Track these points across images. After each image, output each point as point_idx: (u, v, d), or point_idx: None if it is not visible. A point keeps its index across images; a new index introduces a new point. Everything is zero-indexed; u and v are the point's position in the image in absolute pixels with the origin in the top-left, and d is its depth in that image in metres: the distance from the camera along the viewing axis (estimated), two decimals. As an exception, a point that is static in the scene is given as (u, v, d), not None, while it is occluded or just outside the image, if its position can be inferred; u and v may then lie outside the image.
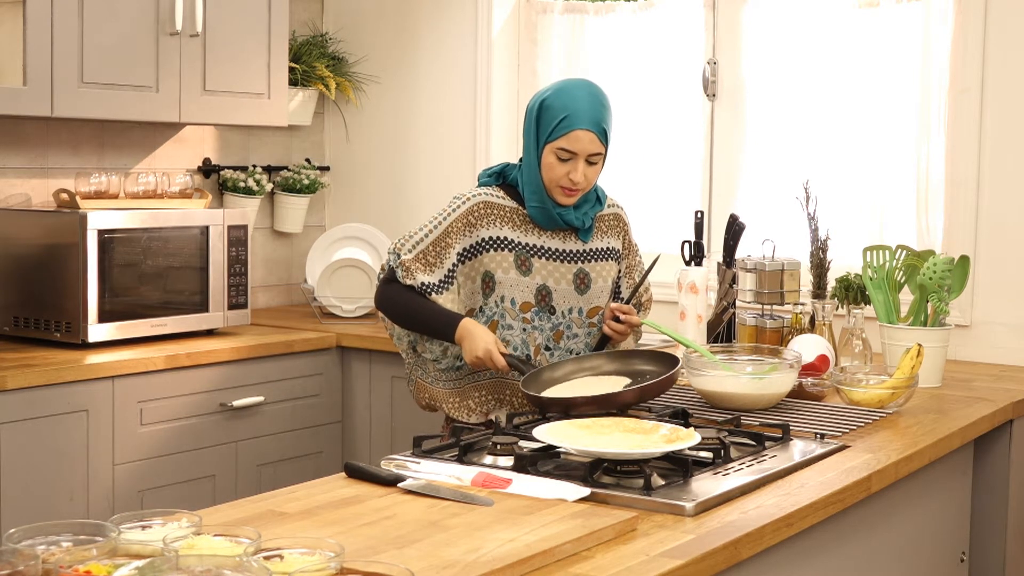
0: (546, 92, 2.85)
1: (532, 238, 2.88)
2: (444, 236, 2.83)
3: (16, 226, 3.81)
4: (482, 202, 2.87)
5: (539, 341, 2.87)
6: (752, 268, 3.46)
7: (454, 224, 2.84)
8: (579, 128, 2.77)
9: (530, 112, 2.86)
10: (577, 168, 2.80)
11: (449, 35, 4.68)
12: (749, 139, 4.17)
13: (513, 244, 2.86)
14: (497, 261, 2.84)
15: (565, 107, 2.78)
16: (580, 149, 2.78)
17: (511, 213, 2.88)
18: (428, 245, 2.83)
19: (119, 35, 3.80)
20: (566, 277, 2.89)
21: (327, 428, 4.17)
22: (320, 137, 4.97)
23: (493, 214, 2.86)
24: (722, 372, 2.82)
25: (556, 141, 2.79)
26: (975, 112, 3.70)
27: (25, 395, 3.31)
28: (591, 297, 2.93)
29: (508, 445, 2.35)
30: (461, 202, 2.87)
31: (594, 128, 2.78)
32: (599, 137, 2.80)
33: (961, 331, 3.69)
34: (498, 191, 2.91)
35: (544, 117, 2.81)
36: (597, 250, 2.96)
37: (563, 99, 2.80)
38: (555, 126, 2.78)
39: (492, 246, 2.84)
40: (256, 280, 4.64)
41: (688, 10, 4.26)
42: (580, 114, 2.77)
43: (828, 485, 2.26)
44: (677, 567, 1.80)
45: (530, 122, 2.85)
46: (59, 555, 1.57)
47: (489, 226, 2.85)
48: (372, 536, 1.84)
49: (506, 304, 2.85)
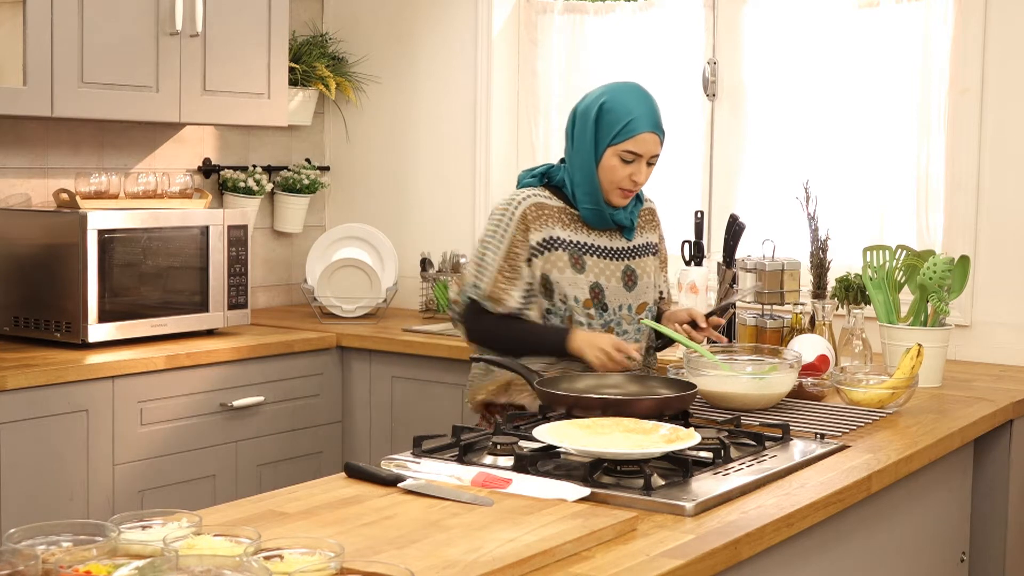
0: (601, 96, 2.87)
1: (582, 236, 2.92)
2: (511, 248, 2.86)
3: (16, 226, 3.81)
4: (533, 204, 2.89)
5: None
6: (752, 268, 3.46)
7: (516, 234, 2.87)
8: (645, 131, 2.83)
9: (584, 115, 2.88)
10: (640, 169, 2.85)
11: (449, 35, 4.68)
12: (749, 139, 4.17)
13: (566, 243, 2.89)
14: (552, 262, 2.87)
15: (628, 111, 2.83)
16: (645, 151, 2.84)
17: (560, 213, 2.91)
18: (501, 264, 2.86)
19: (119, 35, 3.80)
20: (615, 275, 2.93)
21: (327, 428, 4.17)
22: (320, 137, 4.97)
23: (544, 215, 2.89)
24: (722, 372, 2.82)
25: (622, 143, 2.83)
26: (975, 112, 3.70)
27: (25, 395, 3.31)
28: (639, 293, 2.97)
29: (508, 445, 2.34)
30: (513, 207, 2.89)
31: (657, 130, 2.86)
32: (661, 139, 2.87)
33: (961, 331, 3.69)
34: (544, 191, 2.94)
35: (606, 119, 2.84)
36: (639, 246, 3.01)
37: (624, 102, 2.84)
38: (621, 129, 2.82)
39: (546, 247, 2.87)
40: (256, 280, 4.64)
41: (688, 10, 4.26)
42: (644, 117, 2.83)
43: (828, 485, 2.26)
44: (677, 567, 1.80)
45: (586, 124, 2.87)
46: (59, 555, 1.57)
47: (541, 228, 2.88)
48: (372, 536, 1.84)
49: (571, 302, 2.88)
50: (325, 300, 4.43)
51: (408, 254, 4.72)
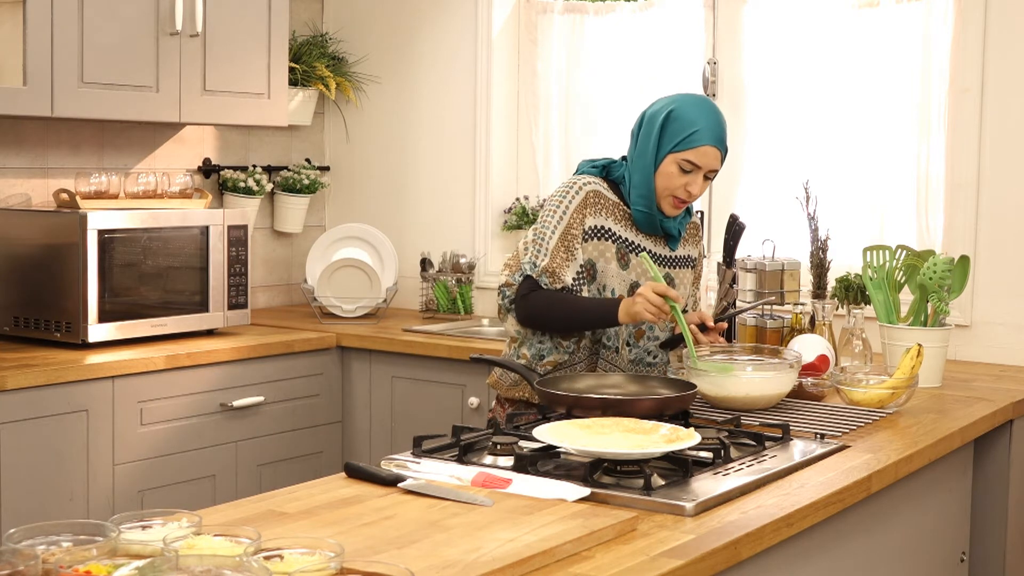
0: (672, 103, 2.88)
1: (631, 234, 2.93)
2: (568, 229, 2.86)
3: (16, 226, 3.81)
4: (593, 191, 2.90)
5: (624, 336, 2.92)
6: (752, 268, 3.46)
7: (574, 215, 2.87)
8: (708, 144, 2.83)
9: (652, 119, 2.88)
10: (696, 181, 2.85)
11: (449, 35, 4.68)
12: (749, 139, 4.17)
13: (616, 237, 2.90)
14: (600, 251, 2.89)
15: (694, 121, 2.83)
16: (705, 164, 2.84)
17: (614, 207, 2.92)
18: (558, 243, 2.85)
19: (119, 35, 3.80)
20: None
21: (327, 428, 4.17)
22: (320, 137, 4.97)
23: (600, 203, 2.90)
24: (708, 373, 2.81)
25: (683, 152, 2.83)
26: (975, 112, 3.70)
27: (25, 395, 3.31)
28: None
29: (508, 445, 2.34)
30: (575, 191, 2.89)
31: (720, 146, 2.86)
32: (722, 155, 2.87)
33: (961, 331, 3.69)
34: (603, 183, 2.94)
35: (671, 127, 2.84)
36: (681, 257, 3.02)
37: (692, 112, 2.84)
38: (684, 138, 2.82)
39: (597, 235, 2.88)
40: (256, 280, 4.64)
41: (688, 10, 4.26)
42: (709, 130, 2.83)
43: (828, 485, 2.26)
44: (677, 567, 1.80)
45: (651, 129, 2.86)
46: (59, 555, 1.57)
47: (596, 215, 2.89)
48: (372, 536, 1.84)
49: (608, 294, 2.88)
50: (325, 300, 4.43)
51: (408, 254, 4.72)
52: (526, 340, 2.93)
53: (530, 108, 4.62)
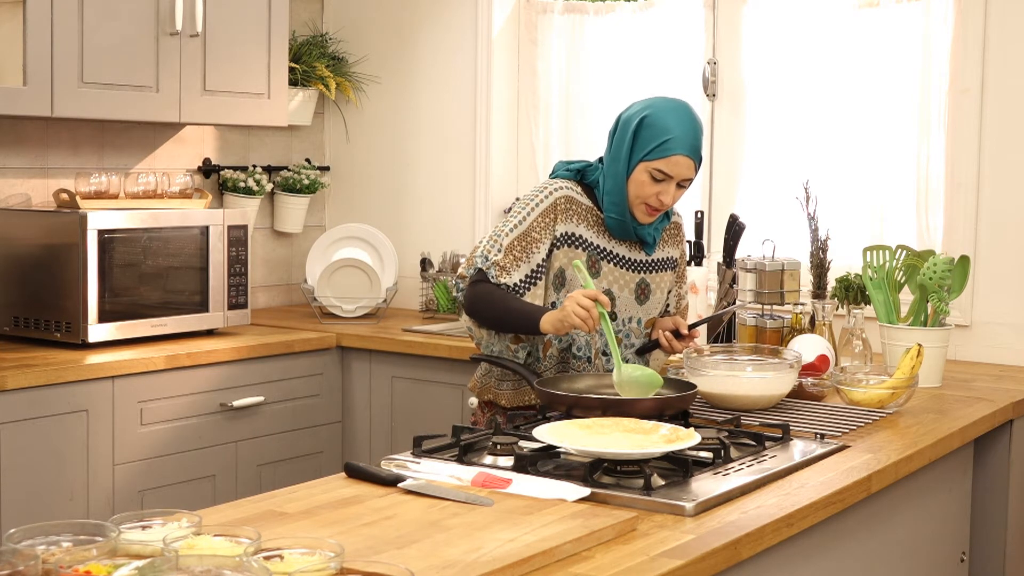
0: (645, 108, 2.79)
1: (603, 241, 2.86)
2: (529, 232, 2.79)
3: (16, 226, 3.81)
4: (565, 197, 2.83)
5: (599, 345, 2.86)
6: (752, 268, 3.46)
7: (537, 219, 2.80)
8: (679, 153, 2.74)
9: (625, 125, 2.80)
10: (668, 191, 2.77)
11: (449, 35, 4.68)
12: (749, 139, 4.17)
13: (587, 244, 2.84)
14: (571, 258, 2.81)
15: (668, 128, 2.74)
16: (676, 173, 2.75)
17: (587, 212, 2.85)
18: (513, 242, 2.78)
19: (119, 35, 3.80)
20: (629, 286, 2.88)
21: (327, 428, 4.17)
22: (320, 137, 4.97)
23: (572, 210, 2.83)
24: (722, 372, 2.82)
25: (654, 161, 2.75)
26: (975, 112, 3.70)
27: (25, 395, 3.31)
28: (649, 308, 2.93)
29: (508, 445, 2.34)
30: (545, 195, 2.83)
31: (693, 155, 2.76)
32: (695, 164, 2.78)
33: (961, 331, 3.70)
34: (576, 187, 2.87)
35: (644, 134, 2.76)
36: (658, 260, 2.95)
37: (666, 119, 2.75)
38: (655, 147, 2.74)
39: (568, 242, 2.82)
40: (256, 280, 4.64)
41: (688, 10, 4.26)
42: (682, 139, 2.74)
43: (828, 485, 2.26)
44: (677, 567, 1.80)
45: (624, 135, 2.79)
46: (59, 555, 1.57)
47: (566, 222, 2.82)
48: (372, 536, 1.84)
49: None
50: (325, 300, 4.43)
51: (408, 254, 4.72)
52: (481, 342, 2.88)
53: (530, 108, 4.62)
